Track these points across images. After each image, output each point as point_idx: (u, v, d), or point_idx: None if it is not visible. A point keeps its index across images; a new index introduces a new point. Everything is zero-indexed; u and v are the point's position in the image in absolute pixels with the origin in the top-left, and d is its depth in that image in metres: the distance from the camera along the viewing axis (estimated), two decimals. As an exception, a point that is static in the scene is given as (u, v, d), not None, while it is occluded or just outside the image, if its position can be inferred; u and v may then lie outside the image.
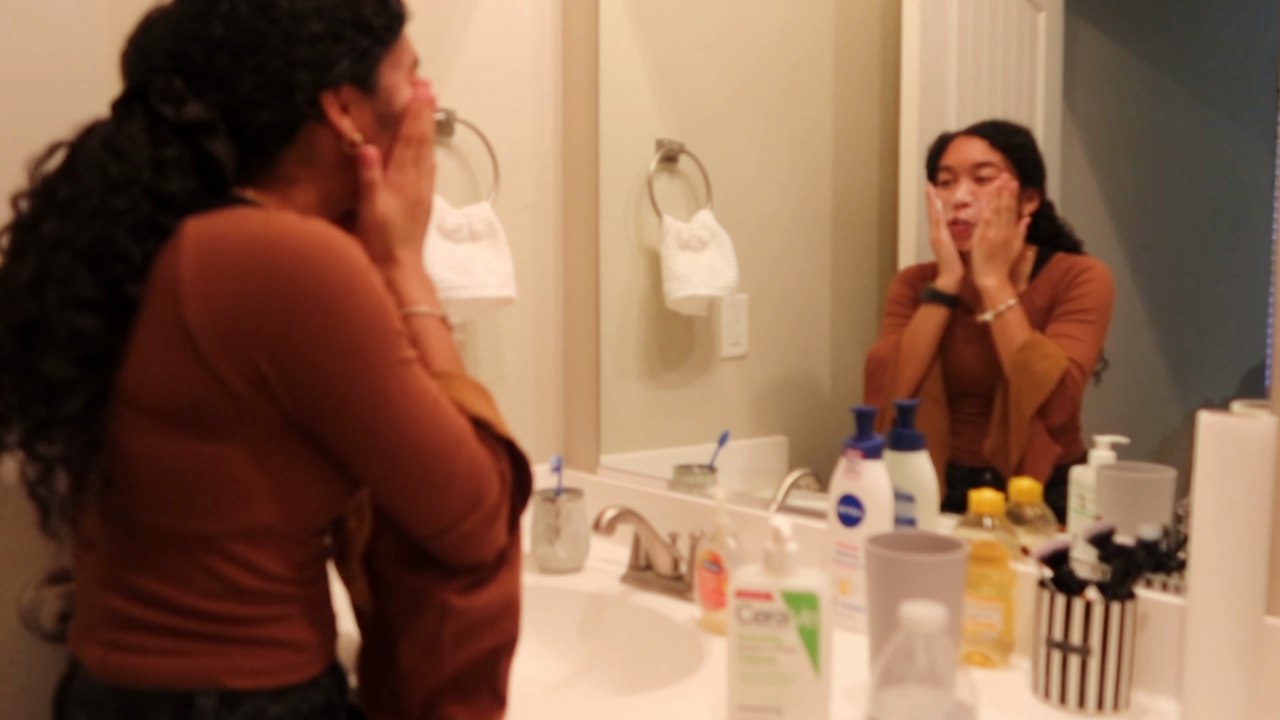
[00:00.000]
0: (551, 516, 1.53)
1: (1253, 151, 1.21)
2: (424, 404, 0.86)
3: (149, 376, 0.83)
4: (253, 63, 0.87)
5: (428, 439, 0.85)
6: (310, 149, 0.93)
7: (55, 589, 1.06)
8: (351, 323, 0.82)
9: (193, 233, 0.83)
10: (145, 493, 0.85)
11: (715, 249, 1.71)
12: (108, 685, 0.86)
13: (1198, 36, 1.30)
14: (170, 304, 0.82)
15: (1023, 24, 1.46)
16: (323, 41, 0.89)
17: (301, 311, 0.81)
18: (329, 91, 0.91)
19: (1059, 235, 1.37)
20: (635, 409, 1.76)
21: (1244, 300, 1.20)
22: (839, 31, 1.64)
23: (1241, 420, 0.96)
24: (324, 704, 0.91)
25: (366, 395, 0.83)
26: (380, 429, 0.84)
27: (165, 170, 0.85)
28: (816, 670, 0.98)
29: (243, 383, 0.82)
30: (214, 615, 0.85)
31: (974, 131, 1.41)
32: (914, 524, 1.28)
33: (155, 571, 0.85)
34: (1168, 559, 1.08)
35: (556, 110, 1.77)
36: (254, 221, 0.84)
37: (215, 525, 0.85)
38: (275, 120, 0.89)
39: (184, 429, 0.83)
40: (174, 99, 0.87)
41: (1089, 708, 1.04)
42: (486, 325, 1.69)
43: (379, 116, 0.96)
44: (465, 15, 1.63)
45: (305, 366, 0.82)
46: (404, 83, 0.98)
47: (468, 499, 0.87)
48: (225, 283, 0.81)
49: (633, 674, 1.36)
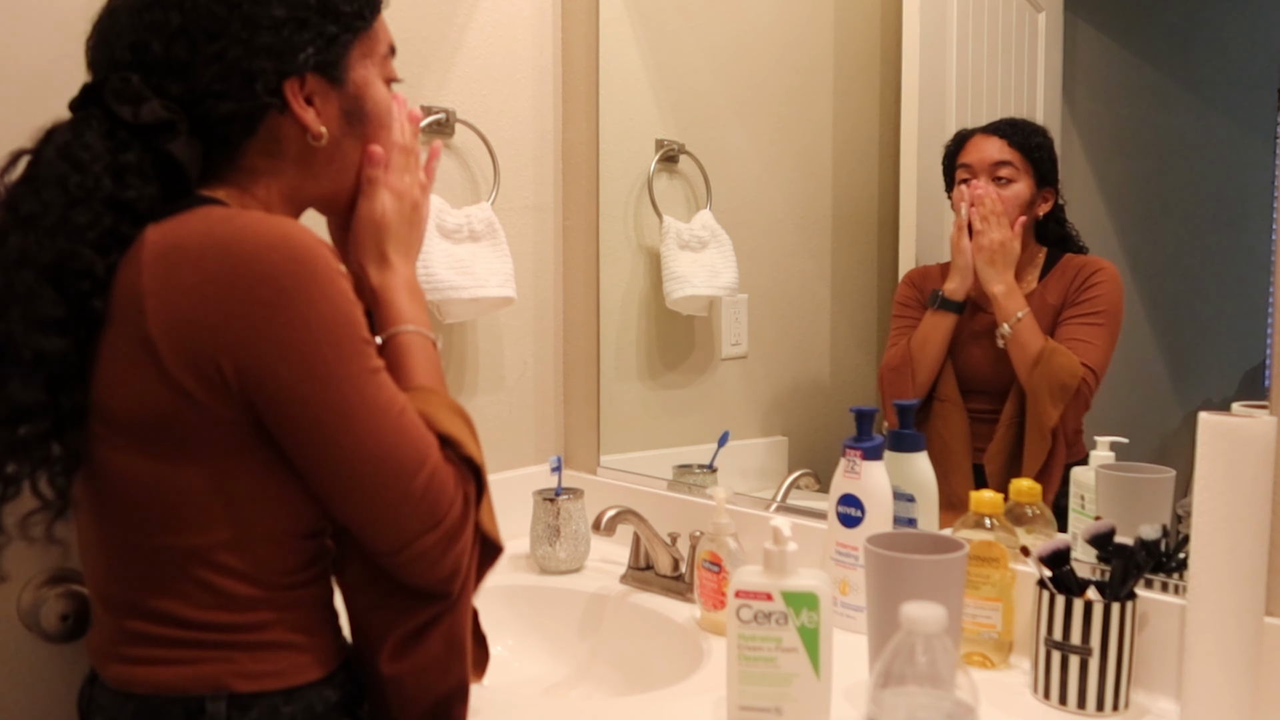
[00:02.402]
0: (551, 516, 1.53)
1: (1253, 151, 1.21)
2: (387, 415, 0.82)
3: (119, 394, 0.82)
4: (212, 51, 0.84)
5: (388, 452, 0.82)
6: (274, 139, 0.90)
7: (55, 589, 1.06)
8: (311, 328, 0.79)
9: (153, 240, 0.81)
10: (131, 511, 0.84)
11: (715, 249, 1.71)
12: (122, 692, 0.86)
13: (1198, 36, 1.30)
14: (134, 317, 0.80)
15: (1023, 24, 1.46)
16: (285, 27, 0.86)
17: (260, 317, 0.78)
18: (292, 80, 0.88)
19: (1067, 238, 1.37)
20: (635, 409, 1.76)
21: (1244, 300, 1.19)
22: (839, 31, 1.64)
23: (1241, 420, 0.96)
24: (340, 700, 0.90)
25: (324, 404, 0.80)
26: (337, 439, 0.81)
27: (125, 177, 0.82)
28: (816, 670, 0.98)
29: (206, 392, 0.80)
30: (213, 625, 0.84)
31: (992, 130, 1.41)
32: (914, 524, 1.28)
33: (153, 587, 0.85)
34: (1168, 559, 1.08)
35: (556, 110, 1.77)
36: (215, 220, 0.81)
37: (202, 538, 0.83)
38: (237, 111, 0.86)
39: (157, 445, 0.82)
40: (131, 98, 0.84)
41: (1089, 708, 1.04)
42: (486, 325, 1.69)
43: (346, 111, 0.92)
44: (465, 15, 1.63)
45: (264, 372, 0.79)
46: (376, 76, 0.95)
47: (426, 517, 0.84)
48: (185, 292, 0.79)
49: (633, 674, 1.36)
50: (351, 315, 0.82)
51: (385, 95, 0.97)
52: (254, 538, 0.85)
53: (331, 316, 0.80)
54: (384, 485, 0.82)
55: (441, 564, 0.86)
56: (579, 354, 1.78)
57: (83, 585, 1.06)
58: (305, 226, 0.84)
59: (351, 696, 0.92)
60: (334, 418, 0.81)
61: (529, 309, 1.75)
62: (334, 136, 0.92)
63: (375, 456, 0.82)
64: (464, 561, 0.88)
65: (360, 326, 0.83)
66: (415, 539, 0.84)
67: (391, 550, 0.85)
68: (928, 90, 1.51)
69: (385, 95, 0.97)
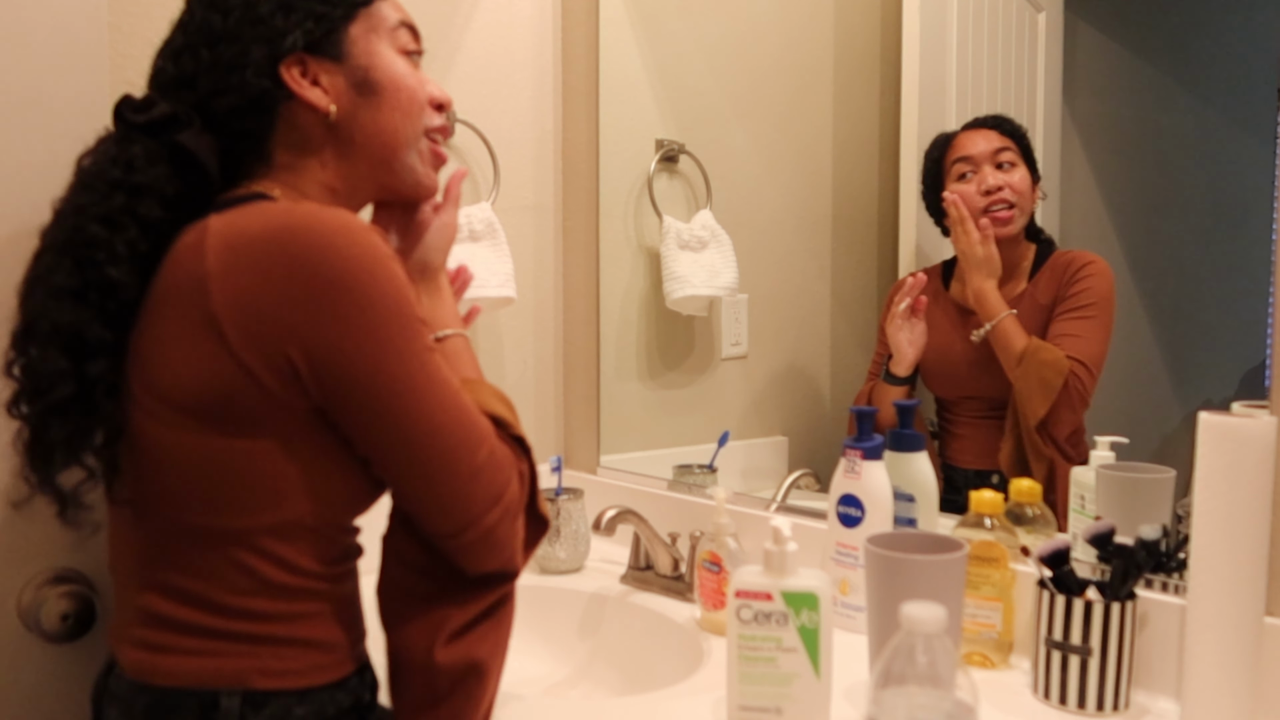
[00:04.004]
0: (551, 516, 1.53)
1: (1253, 151, 1.21)
2: (448, 393, 0.85)
3: (179, 372, 0.84)
4: (210, 57, 0.90)
5: (453, 428, 0.85)
6: (294, 129, 0.93)
7: (55, 589, 1.06)
8: (376, 307, 0.82)
9: (216, 227, 0.84)
10: (177, 489, 0.85)
11: (715, 249, 1.71)
12: (137, 683, 0.87)
13: (1198, 36, 1.30)
14: (197, 298, 0.82)
15: (1023, 24, 1.46)
16: (273, 17, 0.91)
17: (326, 299, 0.81)
18: (287, 61, 0.91)
19: (1039, 231, 1.38)
20: (635, 409, 1.76)
21: (1244, 300, 1.19)
22: (839, 32, 1.64)
23: (1241, 420, 0.96)
24: (352, 705, 0.90)
25: (394, 380, 0.83)
26: (407, 415, 0.83)
27: (132, 163, 0.87)
28: (816, 670, 0.98)
29: (272, 375, 0.82)
30: (244, 612, 0.85)
31: (982, 124, 1.41)
32: (914, 524, 1.28)
33: (187, 568, 0.85)
34: (1168, 559, 1.08)
35: (556, 110, 1.77)
36: (275, 213, 0.84)
37: (247, 521, 0.85)
38: (240, 103, 0.90)
39: (215, 424, 0.83)
40: (142, 106, 0.89)
41: (1089, 708, 1.05)
42: (486, 325, 1.69)
43: (355, 84, 0.94)
44: (465, 15, 1.63)
45: (333, 354, 0.82)
46: (385, 48, 0.96)
47: (492, 492, 0.86)
48: (250, 274, 0.82)
49: (633, 674, 1.36)
50: (408, 296, 0.85)
51: (399, 63, 0.97)
52: (298, 524, 0.86)
53: (394, 297, 0.83)
54: (453, 458, 0.84)
55: (507, 543, 0.88)
56: (579, 354, 1.78)
57: (83, 585, 1.06)
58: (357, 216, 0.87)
59: (364, 703, 0.92)
60: (404, 390, 0.83)
61: (529, 309, 1.75)
62: (348, 110, 0.94)
63: (444, 429, 0.84)
64: (522, 542, 0.90)
65: (416, 307, 0.86)
66: (481, 516, 0.85)
67: (458, 529, 0.86)
68: (928, 90, 1.51)
69: (399, 63, 0.97)
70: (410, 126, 0.97)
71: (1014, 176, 1.37)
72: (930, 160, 1.45)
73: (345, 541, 0.92)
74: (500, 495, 0.87)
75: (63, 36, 1.05)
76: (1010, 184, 1.37)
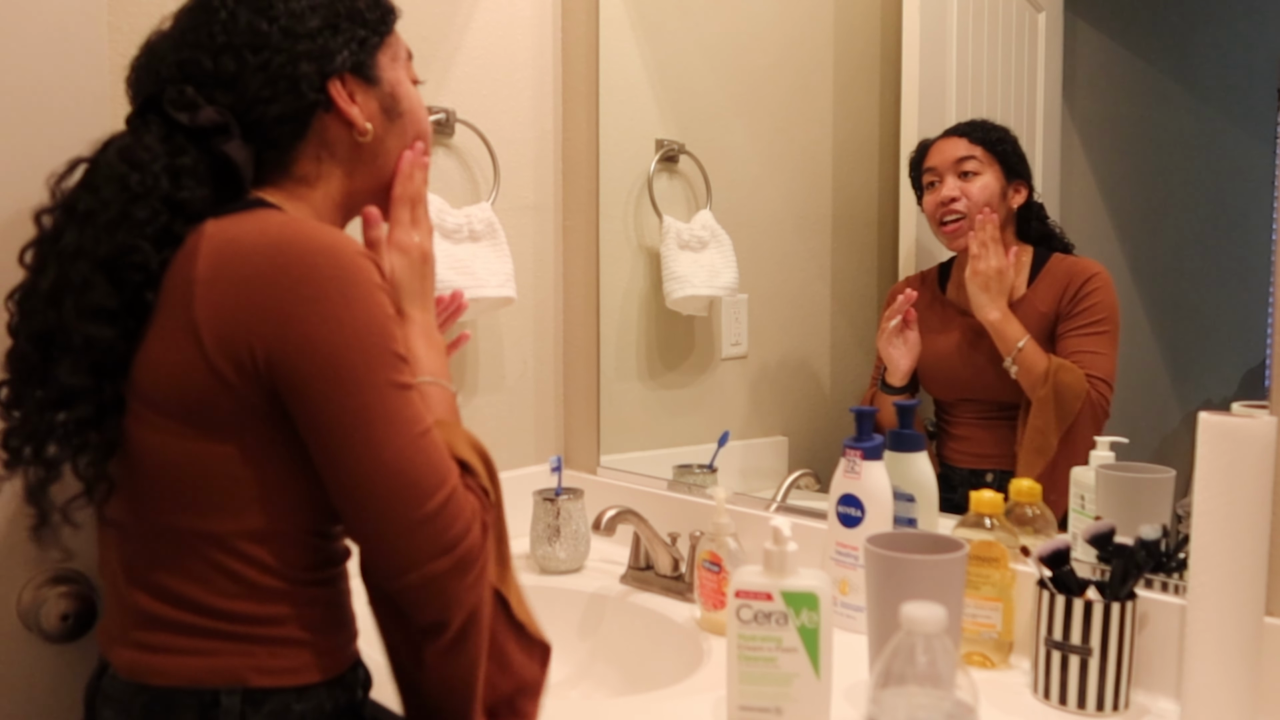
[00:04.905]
0: (551, 516, 1.53)
1: (1253, 151, 1.21)
2: (408, 431, 0.82)
3: (162, 375, 0.84)
4: (257, 62, 0.90)
5: (405, 467, 0.81)
6: (323, 142, 0.95)
7: (55, 589, 1.06)
8: (345, 330, 0.81)
9: (211, 233, 0.84)
10: (162, 492, 0.85)
11: (715, 249, 1.71)
12: (134, 684, 0.87)
13: (1198, 36, 1.30)
14: (183, 303, 0.83)
15: (1023, 24, 1.46)
16: (321, 34, 0.93)
17: (297, 311, 0.81)
18: (334, 80, 0.94)
19: (1050, 236, 1.37)
20: (635, 409, 1.76)
21: (1244, 300, 1.19)
22: (839, 32, 1.64)
23: (1241, 420, 0.96)
24: (348, 702, 0.91)
25: (344, 408, 0.81)
26: (353, 446, 0.81)
27: (181, 178, 0.86)
28: (816, 670, 0.98)
29: (237, 375, 0.82)
30: (235, 615, 0.85)
31: (952, 132, 1.42)
32: (914, 524, 1.28)
33: (177, 570, 0.85)
34: (1168, 559, 1.08)
35: (556, 110, 1.77)
36: (272, 226, 0.84)
37: (227, 524, 0.85)
38: (286, 113, 0.91)
39: (194, 427, 0.84)
40: (187, 105, 0.88)
41: (1089, 708, 1.05)
42: (486, 325, 1.69)
43: (385, 108, 0.98)
44: (465, 15, 1.63)
45: (290, 364, 0.81)
46: (404, 77, 1.01)
47: (438, 542, 0.81)
48: (233, 283, 0.82)
49: (633, 674, 1.36)
50: (386, 328, 0.83)
51: (415, 93, 1.03)
52: (278, 529, 0.86)
53: (366, 324, 0.82)
54: (397, 501, 0.81)
55: (451, 597, 0.83)
56: (579, 354, 1.78)
57: (83, 585, 1.06)
58: (354, 239, 0.86)
59: (358, 700, 0.93)
60: (353, 423, 0.81)
61: (529, 309, 1.75)
62: (377, 133, 0.98)
63: (391, 470, 0.81)
64: (475, 600, 0.85)
65: (395, 341, 0.84)
66: (423, 563, 0.81)
67: (398, 571, 0.82)
68: (927, 90, 1.51)
69: (415, 93, 1.03)
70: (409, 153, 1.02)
71: (973, 185, 1.38)
72: (911, 167, 1.47)
73: (329, 547, 0.90)
74: (453, 545, 0.82)
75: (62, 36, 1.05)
76: (968, 193, 1.37)
